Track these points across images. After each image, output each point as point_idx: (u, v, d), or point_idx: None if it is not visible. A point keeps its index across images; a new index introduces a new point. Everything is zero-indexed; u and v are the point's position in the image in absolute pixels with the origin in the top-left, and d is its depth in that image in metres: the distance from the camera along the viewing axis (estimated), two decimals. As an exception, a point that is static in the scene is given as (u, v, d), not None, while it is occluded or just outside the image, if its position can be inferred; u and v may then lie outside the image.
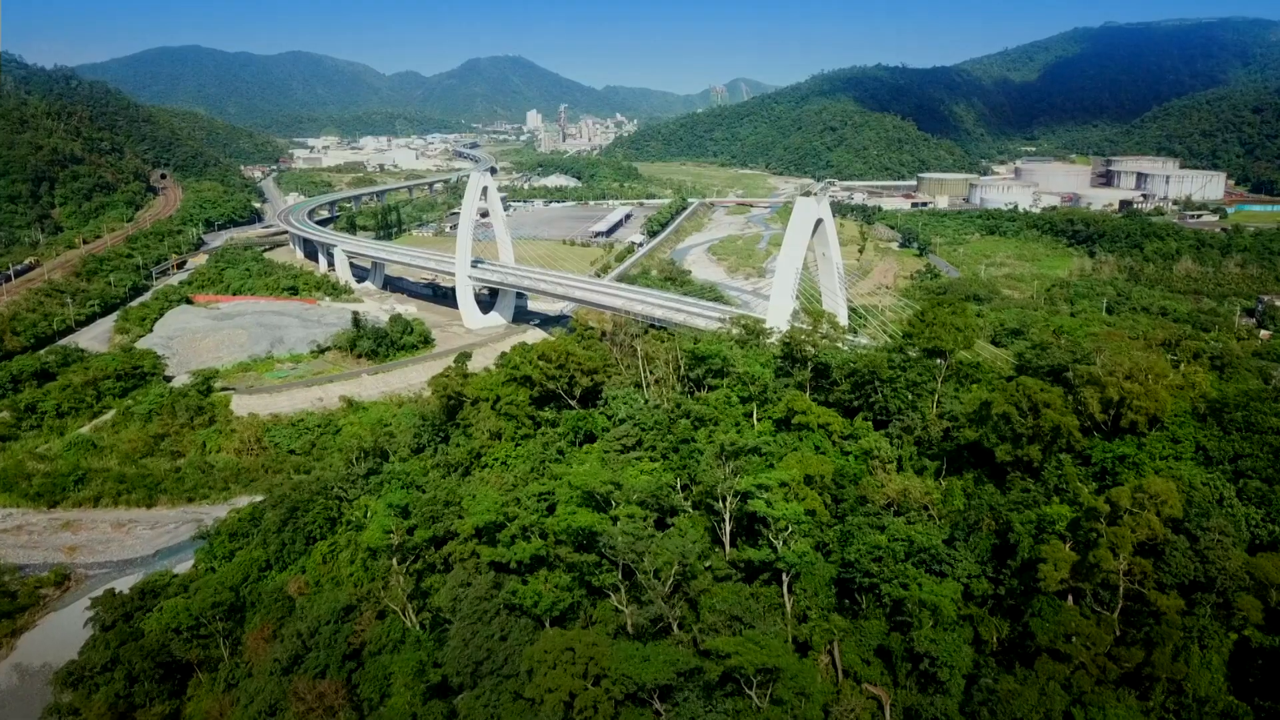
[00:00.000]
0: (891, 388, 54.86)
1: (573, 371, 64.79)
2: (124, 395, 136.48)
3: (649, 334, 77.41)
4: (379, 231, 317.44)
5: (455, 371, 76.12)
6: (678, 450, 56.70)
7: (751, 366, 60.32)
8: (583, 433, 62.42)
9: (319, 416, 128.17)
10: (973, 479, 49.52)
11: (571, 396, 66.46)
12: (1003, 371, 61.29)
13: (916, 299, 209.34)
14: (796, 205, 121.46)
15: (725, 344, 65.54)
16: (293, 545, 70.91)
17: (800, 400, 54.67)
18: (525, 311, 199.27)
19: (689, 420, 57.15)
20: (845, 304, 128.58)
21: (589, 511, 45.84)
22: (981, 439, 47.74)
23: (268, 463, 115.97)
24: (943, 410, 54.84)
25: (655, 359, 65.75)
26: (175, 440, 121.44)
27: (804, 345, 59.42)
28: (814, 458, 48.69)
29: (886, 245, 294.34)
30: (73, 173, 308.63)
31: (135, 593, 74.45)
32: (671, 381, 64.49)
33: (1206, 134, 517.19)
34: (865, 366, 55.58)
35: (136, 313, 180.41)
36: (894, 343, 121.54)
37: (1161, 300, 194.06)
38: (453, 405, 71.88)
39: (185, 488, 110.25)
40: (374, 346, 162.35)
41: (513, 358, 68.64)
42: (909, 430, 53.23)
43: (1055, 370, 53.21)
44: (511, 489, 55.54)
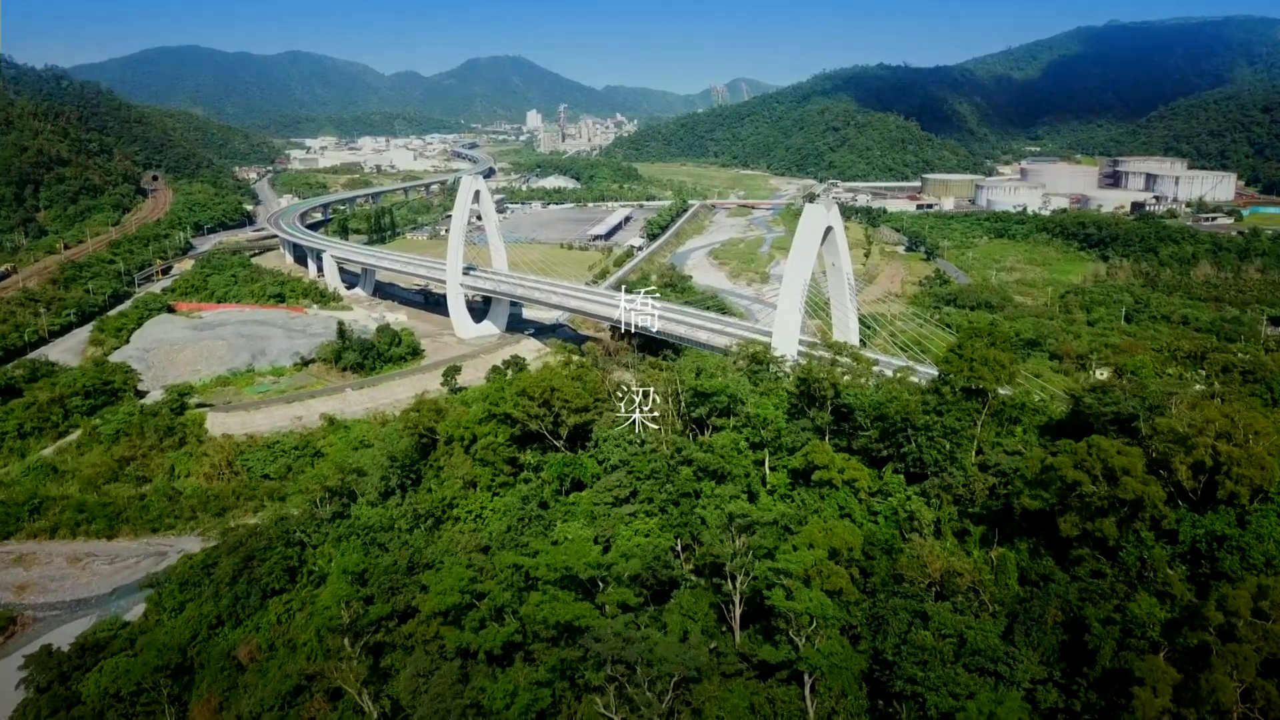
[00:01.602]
0: (927, 436, 47.33)
1: (558, 410, 57.36)
2: (92, 413, 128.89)
3: (646, 361, 69.94)
4: (372, 235, 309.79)
5: (428, 407, 68.63)
6: (678, 504, 49.20)
7: (764, 409, 52.67)
8: (570, 480, 54.95)
9: (296, 437, 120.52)
10: (1027, 550, 41.99)
11: (557, 437, 58.98)
12: (1047, 408, 53.64)
13: (926, 306, 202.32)
14: (804, 213, 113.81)
15: (732, 377, 57.82)
16: (247, 599, 63.38)
17: (821, 452, 47.16)
18: (520, 320, 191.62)
19: (692, 469, 49.65)
20: (856, 318, 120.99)
21: (571, 598, 38.36)
22: (1042, 506, 40.10)
23: (239, 488, 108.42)
24: (985, 461, 47.26)
25: (653, 392, 58.22)
26: (142, 464, 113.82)
27: (823, 383, 51.96)
28: (840, 527, 41.17)
29: (892, 249, 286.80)
30: (58, 175, 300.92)
31: (75, 649, 67.00)
32: (671, 419, 57.07)
33: (1215, 134, 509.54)
34: (897, 412, 47.99)
35: (113, 322, 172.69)
36: (905, 355, 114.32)
37: (1182, 308, 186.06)
38: (425, 443, 64.47)
39: (149, 517, 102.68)
40: (360, 359, 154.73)
41: (491, 392, 61.05)
42: (949, 489, 45.67)
43: (1122, 420, 45.71)
44: (485, 551, 48.05)
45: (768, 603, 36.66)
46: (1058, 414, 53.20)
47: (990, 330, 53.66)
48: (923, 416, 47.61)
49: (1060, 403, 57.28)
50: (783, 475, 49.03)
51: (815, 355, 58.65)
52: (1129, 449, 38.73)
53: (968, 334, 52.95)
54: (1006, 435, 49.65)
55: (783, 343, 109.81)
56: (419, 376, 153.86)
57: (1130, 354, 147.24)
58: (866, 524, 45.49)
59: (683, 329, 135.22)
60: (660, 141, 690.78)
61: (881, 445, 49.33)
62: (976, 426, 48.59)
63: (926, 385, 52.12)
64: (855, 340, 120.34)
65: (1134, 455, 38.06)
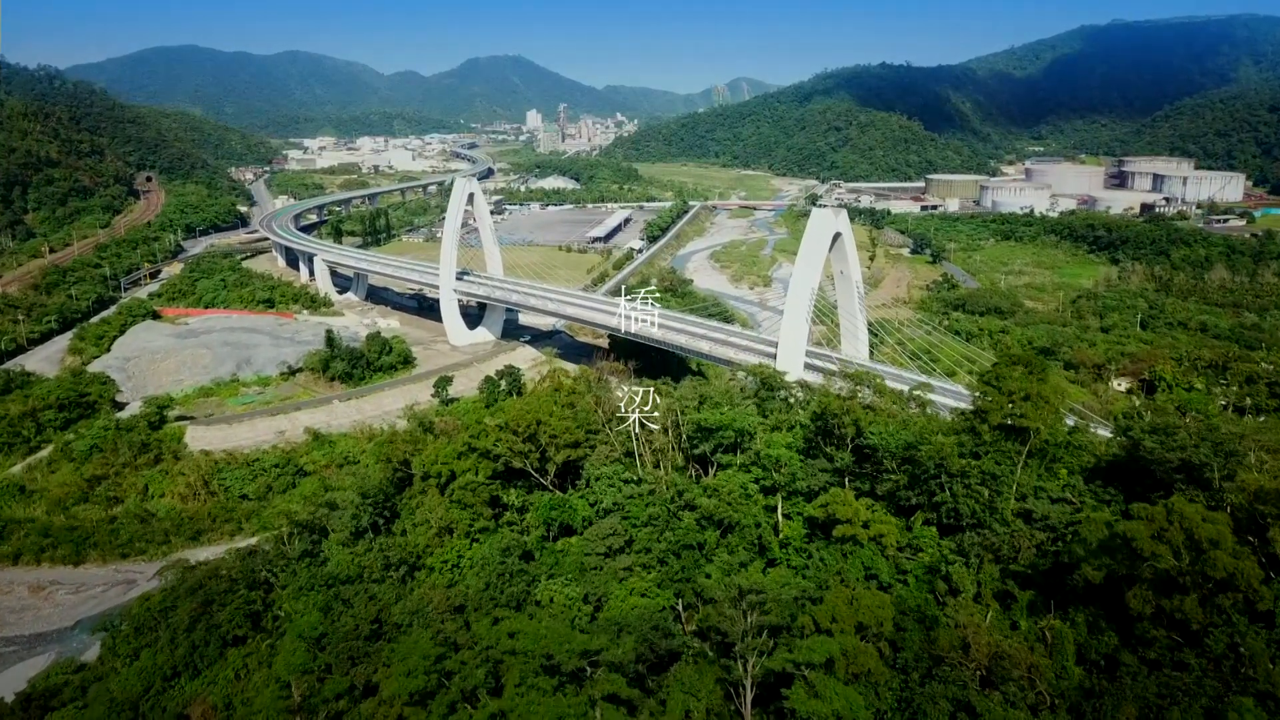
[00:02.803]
0: (963, 483, 41.61)
1: (545, 445, 51.70)
2: (66, 428, 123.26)
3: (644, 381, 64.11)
4: (366, 237, 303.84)
5: (402, 437, 62.87)
6: (679, 555, 43.50)
7: (776, 447, 46.83)
8: (558, 524, 49.21)
9: (277, 454, 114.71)
10: (1085, 622, 36.24)
11: (544, 474, 53.27)
12: (1088, 441, 47.79)
13: (934, 311, 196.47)
14: (811, 218, 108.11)
15: (739, 410, 52.00)
16: (205, 648, 57.62)
17: (843, 504, 41.43)
18: (516, 326, 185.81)
19: (695, 515, 43.94)
20: (865, 328, 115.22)
21: (553, 685, 32.64)
22: (1109, 578, 34.33)
23: (215, 510, 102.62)
24: (1029, 510, 41.50)
25: (652, 423, 52.57)
26: (114, 483, 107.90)
27: (843, 420, 46.28)
28: (867, 598, 35.47)
29: (897, 251, 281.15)
30: (47, 176, 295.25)
31: (19, 701, 61.38)
32: (671, 453, 51.40)
33: (1221, 133, 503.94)
34: (929, 456, 42.19)
35: (94, 330, 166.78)
36: (916, 364, 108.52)
37: (1199, 314, 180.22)
38: (401, 476, 58.77)
39: (119, 541, 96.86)
40: (348, 369, 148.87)
41: (472, 424, 55.26)
42: (993, 549, 39.92)
43: (1189, 468, 39.91)
44: (460, 610, 42.28)
45: (786, 704, 31.00)
46: (1102, 449, 47.44)
47: (1029, 358, 47.91)
48: (958, 460, 41.88)
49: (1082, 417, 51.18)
50: (798, 525, 43.38)
51: (833, 386, 52.58)
52: (1215, 515, 33.01)
53: (1005, 362, 47.22)
54: (1049, 478, 43.97)
55: (789, 358, 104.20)
56: (409, 387, 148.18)
57: (1150, 363, 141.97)
58: (895, 585, 39.84)
59: (683, 338, 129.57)
60: (661, 141, 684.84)
61: (911, 493, 43.63)
62: (1016, 469, 42.89)
63: (958, 420, 46.21)
64: (865, 352, 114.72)
65: (1221, 523, 32.31)
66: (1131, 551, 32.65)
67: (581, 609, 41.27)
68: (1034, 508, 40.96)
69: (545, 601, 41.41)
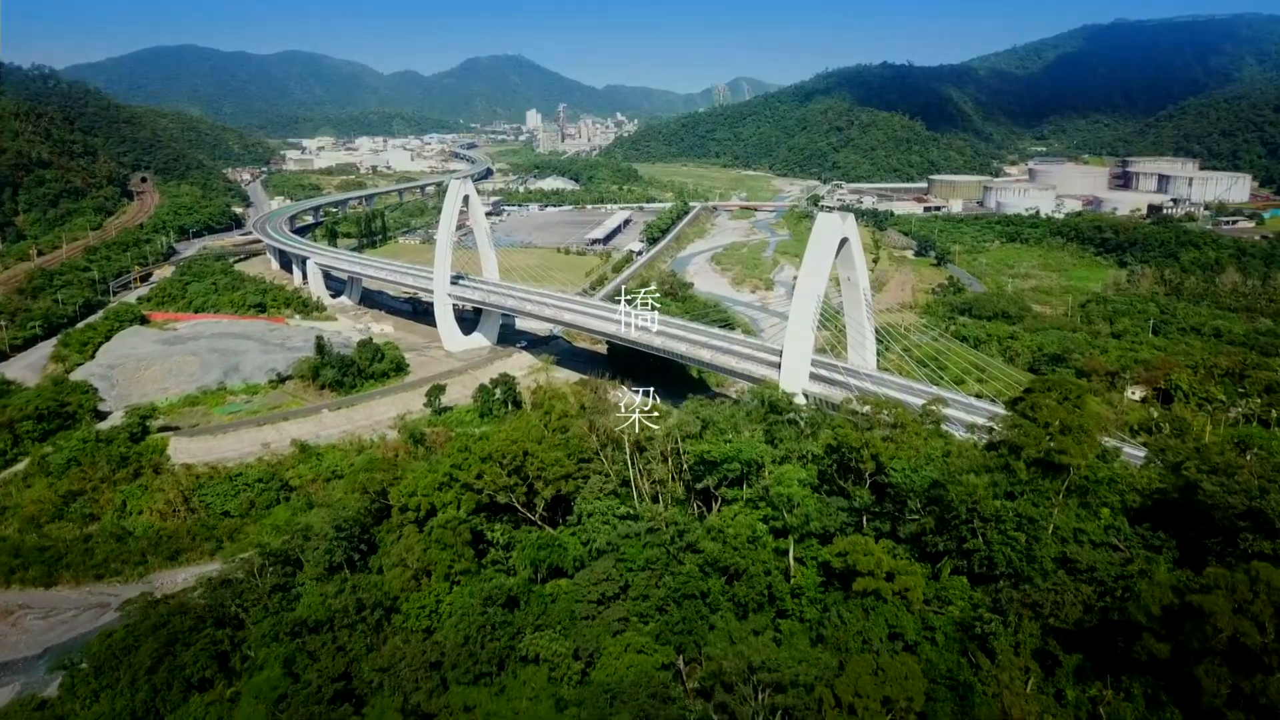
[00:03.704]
0: (998, 529, 37.33)
1: (533, 478, 47.44)
2: (45, 439, 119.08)
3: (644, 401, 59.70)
4: (362, 239, 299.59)
5: (379, 465, 58.65)
6: (680, 604, 39.17)
7: (787, 483, 42.25)
8: (546, 566, 44.89)
9: (261, 468, 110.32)
10: (1142, 693, 31.96)
11: (531, 509, 48.96)
12: (1130, 475, 43.41)
13: (940, 316, 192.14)
14: (817, 224, 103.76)
15: (746, 439, 47.56)
16: (168, 692, 53.28)
17: (865, 554, 37.09)
18: (512, 331, 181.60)
19: (698, 559, 39.66)
20: (873, 337, 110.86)
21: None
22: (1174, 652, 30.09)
23: (195, 528, 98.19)
24: (1070, 557, 37.18)
25: (650, 450, 48.26)
26: (91, 499, 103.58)
27: (861, 454, 41.97)
28: (894, 668, 31.19)
29: (901, 254, 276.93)
30: (38, 177, 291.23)
31: (-31, 746, 57.31)
32: (671, 484, 47.14)
33: (1226, 133, 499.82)
34: (960, 499, 37.85)
35: (79, 336, 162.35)
36: (924, 372, 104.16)
37: (1212, 319, 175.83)
38: (379, 507, 54.51)
39: (94, 562, 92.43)
40: (339, 376, 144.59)
41: (454, 453, 50.87)
42: (1033, 605, 35.59)
43: (1256, 515, 35.60)
44: (436, 667, 37.96)
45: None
46: (1144, 482, 43.11)
47: (1063, 382, 43.60)
48: (991, 502, 37.62)
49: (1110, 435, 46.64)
50: (812, 572, 39.09)
51: (847, 405, 48.19)
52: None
53: (1039, 388, 42.91)
54: (1089, 518, 39.69)
55: (793, 369, 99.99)
56: (402, 395, 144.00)
57: (1165, 371, 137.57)
58: (923, 644, 35.61)
59: (684, 346, 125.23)
60: (661, 141, 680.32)
61: (938, 538, 39.32)
62: (1054, 511, 38.63)
63: (991, 458, 41.74)
64: (873, 362, 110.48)
65: (1312, 591, 28.14)
66: (1206, 624, 28.41)
67: (571, 666, 37.04)
68: (1076, 555, 36.67)
69: (531, 657, 37.22)
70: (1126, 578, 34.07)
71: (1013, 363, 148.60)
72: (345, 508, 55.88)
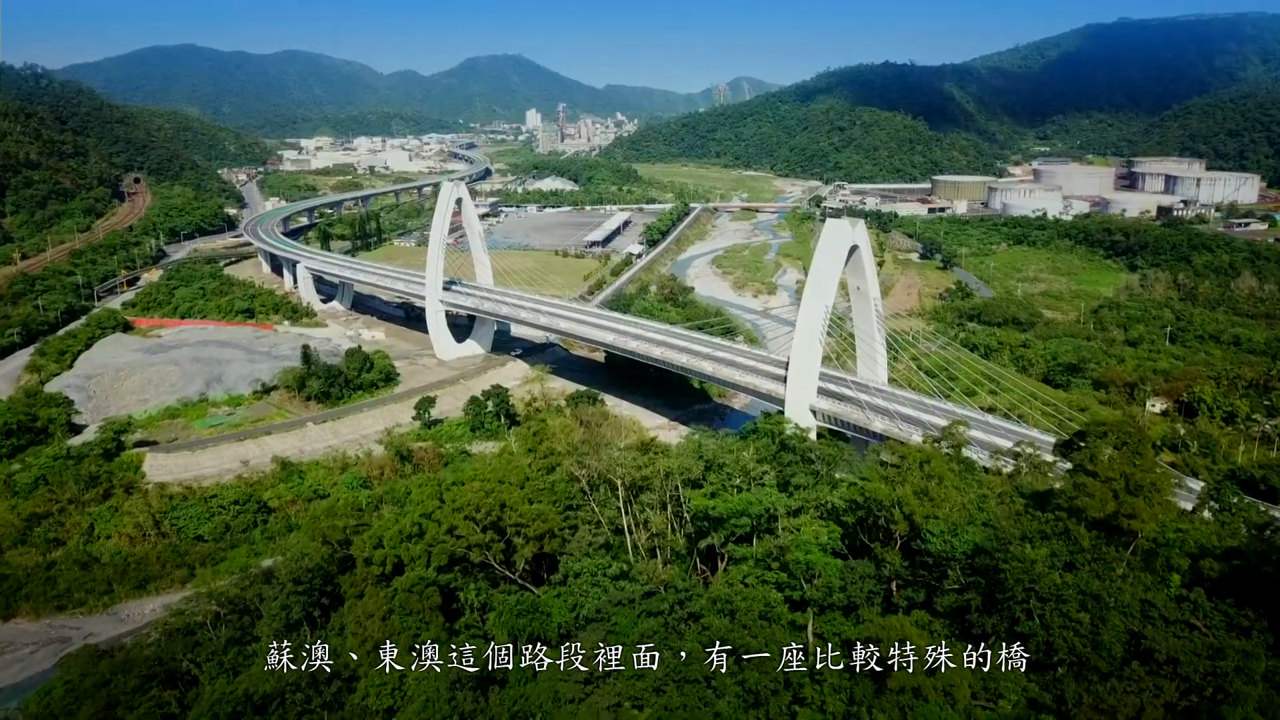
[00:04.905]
0: (1058, 609, 31.72)
1: (511, 533, 41.87)
2: (15, 456, 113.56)
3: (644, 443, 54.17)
4: (356, 241, 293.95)
5: (342, 511, 52.89)
6: (680, 688, 33.53)
7: (807, 550, 36.48)
8: (527, 634, 39.27)
9: (241, 487, 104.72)
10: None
11: (510, 567, 43.29)
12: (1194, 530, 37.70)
13: (948, 322, 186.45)
14: (825, 230, 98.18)
15: (759, 492, 41.54)
16: (109, 762, 47.67)
17: (900, 640, 31.38)
18: (508, 338, 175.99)
19: (702, 635, 34.07)
20: (884, 351, 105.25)
21: None
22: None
23: (165, 553, 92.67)
24: (1139, 636, 31.56)
25: (647, 496, 42.62)
26: (57, 521, 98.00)
27: (893, 513, 36.31)
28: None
29: (906, 256, 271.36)
30: (26, 178, 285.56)
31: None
32: (671, 537, 41.58)
33: (1233, 133, 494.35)
34: (1015, 577, 32.02)
35: (58, 344, 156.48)
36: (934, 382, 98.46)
37: (1230, 326, 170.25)
38: (343, 556, 48.92)
39: (56, 591, 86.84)
40: (325, 387, 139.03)
41: (425, 500, 45.07)
42: (1110, 713, 29.92)
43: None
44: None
45: None
46: (1212, 538, 37.48)
47: (1119, 425, 37.75)
48: (1051, 576, 31.96)
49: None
50: (834, 651, 33.47)
51: (882, 468, 42.44)
52: None
53: (1094, 432, 37.23)
54: (1158, 588, 34.13)
55: (801, 388, 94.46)
56: (390, 407, 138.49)
57: (1186, 382, 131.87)
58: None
59: (684, 357, 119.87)
60: (661, 141, 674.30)
61: (986, 618, 33.62)
62: (1121, 583, 33.03)
63: (1044, 518, 35.88)
64: (884, 376, 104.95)
65: None
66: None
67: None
68: (1154, 641, 30.99)
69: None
70: (1218, 675, 28.58)
71: (1026, 372, 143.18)
72: (305, 557, 50.38)
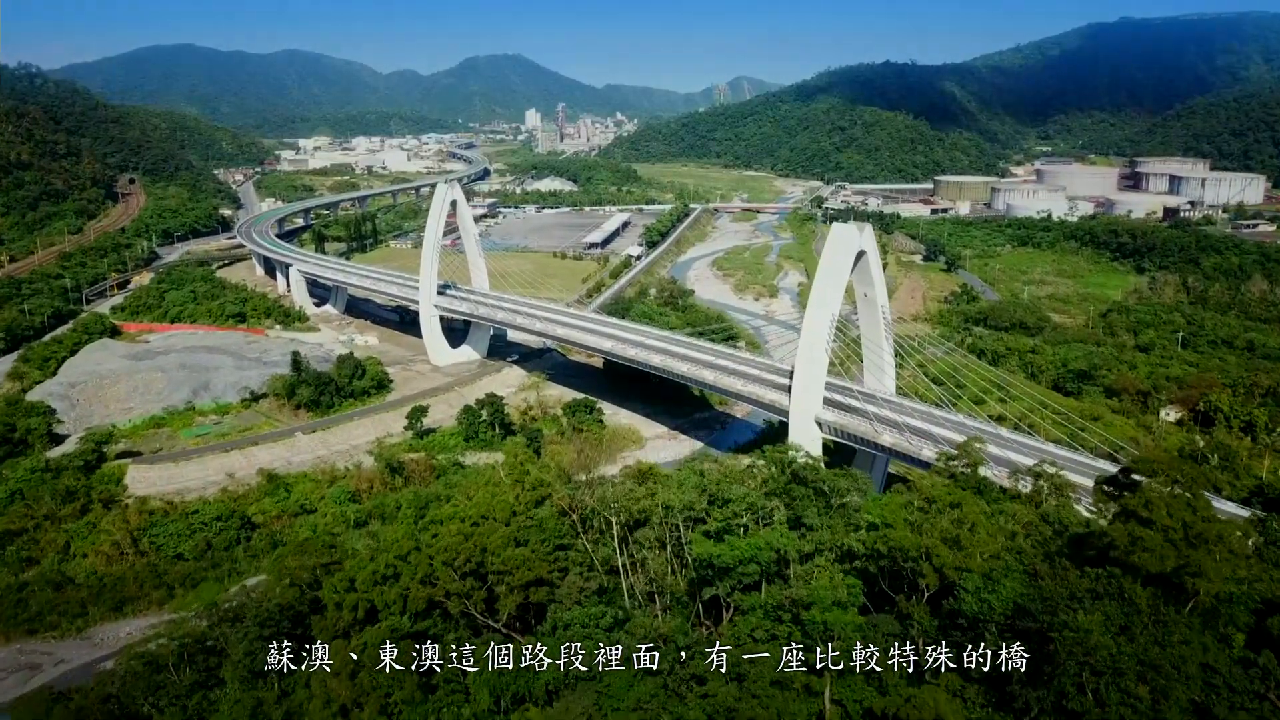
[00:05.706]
0: (1115, 682, 27.83)
1: (494, 580, 38.05)
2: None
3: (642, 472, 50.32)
4: (351, 243, 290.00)
5: (312, 548, 49.02)
6: (681, 759, 29.67)
7: (825, 610, 32.48)
8: (511, 694, 35.45)
9: (224, 501, 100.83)
10: None
11: (493, 615, 39.43)
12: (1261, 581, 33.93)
13: (954, 326, 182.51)
14: (831, 235, 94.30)
15: (765, 533, 37.68)
16: (60, 820, 43.79)
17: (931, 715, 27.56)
18: (504, 343, 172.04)
19: (706, 704, 30.24)
20: (892, 359, 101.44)
21: None
22: None
23: (144, 573, 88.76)
24: (1202, 708, 27.78)
25: (645, 531, 38.77)
26: (32, 539, 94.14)
27: (919, 564, 32.50)
28: None
29: (909, 259, 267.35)
30: (17, 179, 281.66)
31: None
32: (671, 580, 37.77)
33: (1237, 133, 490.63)
34: (1067, 645, 28.03)
35: (42, 350, 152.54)
36: (942, 389, 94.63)
37: (1243, 331, 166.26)
38: (312, 599, 45.11)
39: (27, 614, 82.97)
40: (315, 395, 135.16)
41: (401, 539, 41.19)
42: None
43: None
44: None
45: None
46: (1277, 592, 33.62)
47: (1169, 463, 33.92)
48: (1107, 643, 28.10)
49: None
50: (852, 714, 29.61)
51: (906, 509, 38.50)
52: None
53: (1142, 470, 33.34)
54: (1219, 649, 30.30)
55: (806, 399, 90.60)
56: (382, 415, 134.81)
57: (1201, 390, 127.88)
58: None
59: (684, 365, 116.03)
60: (661, 141, 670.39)
61: (1030, 691, 29.71)
62: (1184, 646, 29.20)
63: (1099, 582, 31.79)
64: (891, 386, 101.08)
65: None
66: None
67: None
68: (1219, 713, 27.18)
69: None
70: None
71: (1035, 379, 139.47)
72: (273, 596, 46.60)
